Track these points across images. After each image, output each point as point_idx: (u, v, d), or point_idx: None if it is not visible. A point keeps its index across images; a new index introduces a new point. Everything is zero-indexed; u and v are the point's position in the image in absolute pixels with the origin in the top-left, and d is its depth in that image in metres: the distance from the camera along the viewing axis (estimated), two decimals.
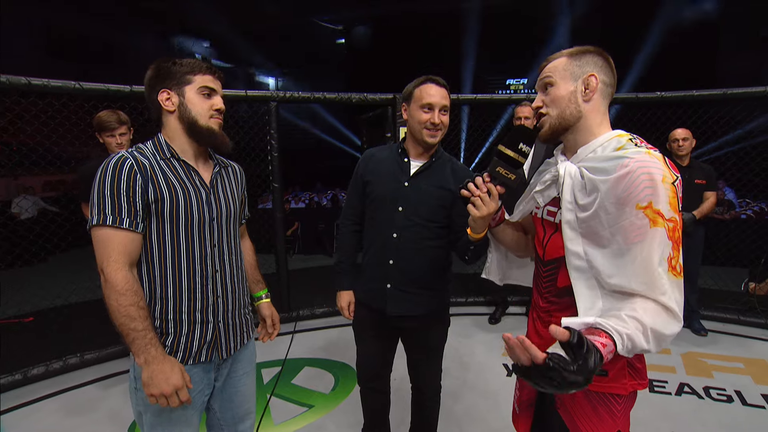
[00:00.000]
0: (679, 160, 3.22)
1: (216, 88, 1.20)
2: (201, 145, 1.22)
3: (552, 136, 1.06)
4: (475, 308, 3.89)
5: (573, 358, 0.77)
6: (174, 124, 1.18)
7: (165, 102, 1.16)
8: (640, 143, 0.97)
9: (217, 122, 1.20)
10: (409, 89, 1.55)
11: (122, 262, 1.06)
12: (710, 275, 3.97)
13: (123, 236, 1.07)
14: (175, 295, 1.16)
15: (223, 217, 1.25)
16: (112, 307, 1.04)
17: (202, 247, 1.19)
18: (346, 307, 1.74)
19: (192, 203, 1.16)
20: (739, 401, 2.45)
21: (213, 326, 1.22)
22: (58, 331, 3.35)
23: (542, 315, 1.14)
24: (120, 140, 2.48)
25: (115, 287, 1.04)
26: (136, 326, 1.04)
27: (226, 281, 1.25)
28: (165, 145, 1.18)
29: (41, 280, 4.58)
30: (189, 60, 1.18)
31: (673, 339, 0.92)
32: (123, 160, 1.09)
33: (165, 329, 1.16)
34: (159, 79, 1.16)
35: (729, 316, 3.56)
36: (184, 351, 1.18)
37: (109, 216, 1.05)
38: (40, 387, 2.65)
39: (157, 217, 1.12)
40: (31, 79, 2.56)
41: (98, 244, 1.06)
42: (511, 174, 1.07)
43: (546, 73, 1.05)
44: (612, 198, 0.91)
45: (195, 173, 1.20)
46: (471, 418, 2.31)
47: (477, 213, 1.08)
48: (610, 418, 1.03)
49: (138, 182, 1.08)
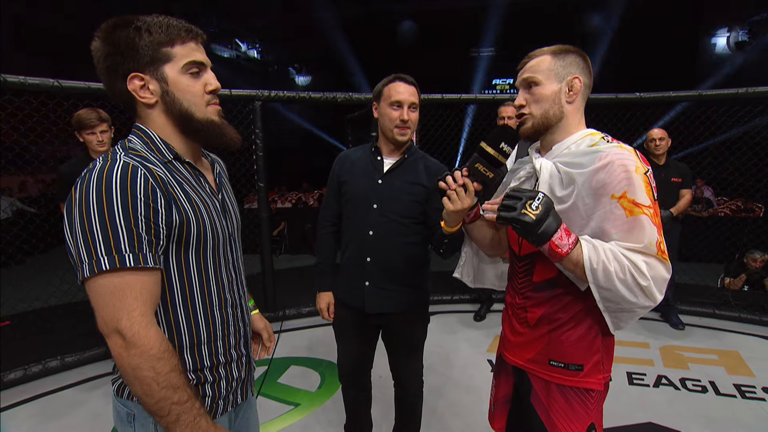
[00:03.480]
0: (655, 159, 3.31)
1: (204, 59, 0.86)
2: (201, 144, 0.94)
3: (534, 135, 1.08)
4: (460, 305, 3.93)
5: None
6: (160, 120, 0.86)
7: (140, 92, 0.82)
8: (611, 140, 1.01)
9: (216, 109, 0.89)
10: (379, 88, 1.56)
11: (150, 315, 0.77)
12: (686, 271, 4.09)
13: (147, 279, 0.77)
14: (209, 336, 0.90)
15: (236, 229, 1.01)
16: (146, 380, 0.74)
17: (227, 271, 0.95)
18: (326, 308, 1.75)
19: (214, 219, 0.90)
20: (713, 391, 2.54)
21: (247, 360, 1.02)
22: (37, 335, 3.27)
23: (518, 312, 1.15)
24: (101, 137, 2.45)
25: (149, 351, 0.74)
26: (181, 397, 0.76)
27: (245, 305, 1.04)
28: (162, 144, 0.86)
29: (18, 282, 4.47)
30: (158, 21, 0.81)
31: (652, 333, 0.95)
32: (133, 169, 0.76)
33: (204, 378, 0.90)
34: (121, 58, 0.80)
35: (704, 310, 3.67)
36: (225, 397, 0.94)
37: (126, 254, 0.73)
38: (18, 392, 2.59)
39: (178, 245, 0.83)
40: (7, 76, 2.50)
41: (106, 296, 0.74)
42: (490, 172, 1.06)
43: (529, 71, 1.05)
44: (589, 189, 0.95)
45: (204, 179, 0.93)
46: (454, 414, 2.34)
47: (451, 206, 1.08)
48: (584, 412, 1.06)
49: (159, 201, 0.78)
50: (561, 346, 1.06)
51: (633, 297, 0.90)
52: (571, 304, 1.04)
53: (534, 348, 1.11)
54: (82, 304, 3.36)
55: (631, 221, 0.91)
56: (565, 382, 1.06)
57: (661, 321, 3.54)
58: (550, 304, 1.07)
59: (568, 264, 0.93)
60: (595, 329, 1.05)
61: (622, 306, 0.93)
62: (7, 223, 5.85)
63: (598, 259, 0.90)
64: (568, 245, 0.91)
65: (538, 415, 1.10)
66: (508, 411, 1.26)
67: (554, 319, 1.07)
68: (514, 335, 1.16)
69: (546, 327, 1.08)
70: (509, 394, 1.24)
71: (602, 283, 0.91)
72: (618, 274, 0.89)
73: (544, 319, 1.08)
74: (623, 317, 0.98)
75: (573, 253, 0.91)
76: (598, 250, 0.91)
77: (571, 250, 0.91)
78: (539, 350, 1.10)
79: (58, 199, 2.60)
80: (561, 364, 1.06)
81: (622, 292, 0.90)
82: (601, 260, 0.90)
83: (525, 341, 1.13)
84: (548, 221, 0.90)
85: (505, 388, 1.24)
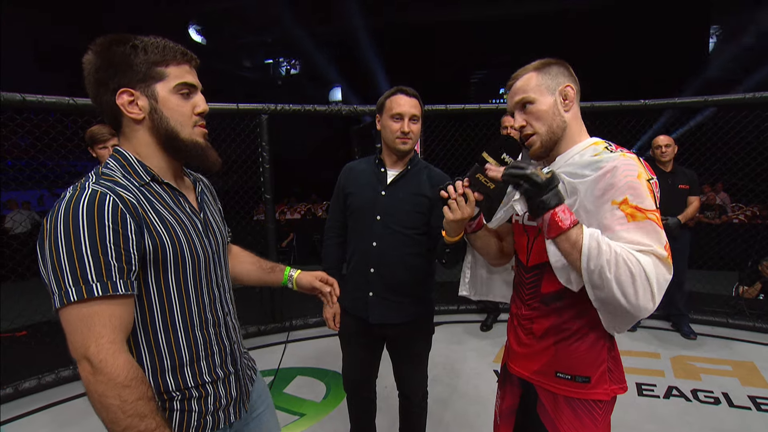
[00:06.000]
0: (662, 166, 3.29)
1: (195, 82, 0.90)
2: (181, 163, 0.95)
3: (544, 152, 1.06)
4: (466, 315, 3.92)
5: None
6: (144, 138, 0.87)
7: (128, 107, 0.83)
8: (615, 149, 1.00)
9: (202, 131, 0.91)
10: (381, 101, 1.60)
11: (119, 342, 0.76)
12: (699, 279, 4.02)
13: (116, 307, 0.76)
14: (192, 357, 0.90)
15: (220, 248, 1.01)
16: (112, 408, 0.73)
17: (209, 291, 0.95)
18: (331, 317, 1.76)
19: (193, 240, 0.89)
20: (726, 403, 2.47)
21: (236, 377, 1.00)
22: (51, 344, 3.35)
23: (524, 323, 1.13)
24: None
25: (115, 379, 0.73)
26: (149, 425, 0.75)
27: (234, 322, 1.04)
28: (139, 165, 0.86)
29: (35, 294, 4.58)
30: (156, 42, 0.85)
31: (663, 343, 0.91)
32: (100, 196, 0.76)
33: (189, 395, 0.89)
34: (113, 72, 0.82)
35: (718, 320, 3.60)
36: (214, 419, 0.93)
37: (94, 284, 0.73)
38: (32, 400, 2.65)
39: (156, 268, 0.83)
40: (26, 96, 2.61)
41: (76, 324, 0.74)
42: (491, 183, 1.05)
43: (520, 92, 1.05)
44: (591, 197, 0.94)
45: (184, 199, 0.93)
46: (460, 425, 2.32)
47: (451, 216, 1.08)
48: (592, 424, 1.04)
49: (129, 227, 0.78)
50: (568, 357, 1.05)
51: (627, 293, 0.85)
52: (579, 315, 1.03)
53: (540, 360, 1.09)
54: None
55: (633, 225, 0.89)
56: (573, 394, 1.05)
57: (672, 330, 3.47)
58: (558, 316, 1.05)
59: (565, 243, 0.89)
60: (602, 341, 1.04)
61: (614, 304, 0.88)
62: (25, 236, 6.02)
63: (597, 245, 0.86)
64: (570, 220, 0.89)
65: (545, 427, 1.08)
66: (514, 422, 1.24)
67: (561, 330, 1.05)
68: (520, 346, 1.15)
69: (553, 338, 1.07)
70: (515, 405, 1.22)
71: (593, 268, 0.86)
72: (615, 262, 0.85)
73: (551, 331, 1.07)
74: (617, 320, 0.95)
75: (573, 231, 0.88)
76: (601, 237, 0.88)
77: (572, 227, 0.89)
78: (545, 362, 1.08)
79: None
80: (568, 376, 1.05)
81: (614, 287, 0.85)
82: (601, 247, 0.86)
83: (531, 352, 1.11)
84: (555, 190, 0.89)
85: (511, 399, 1.22)
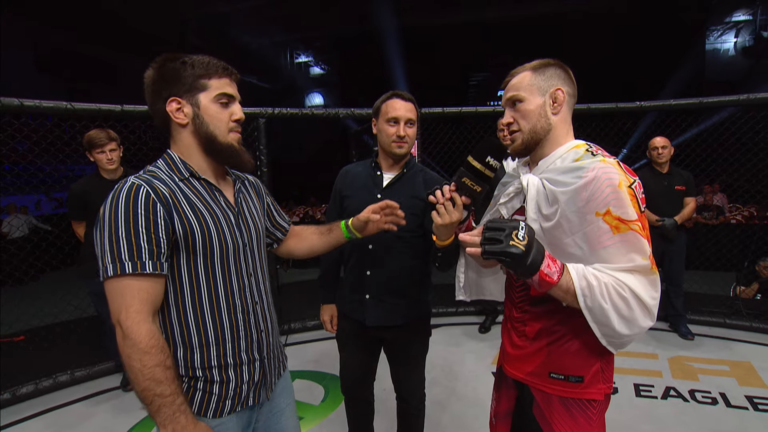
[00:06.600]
0: (658, 168, 3.30)
1: (234, 93, 1.02)
2: (220, 164, 1.07)
3: (525, 151, 1.08)
4: (464, 318, 3.92)
5: (504, 221, 0.89)
6: (188, 140, 1.00)
7: (175, 113, 0.97)
8: (596, 151, 1.00)
9: (237, 137, 1.04)
10: (377, 105, 1.61)
11: (145, 313, 0.88)
12: (696, 280, 4.03)
13: (145, 282, 0.89)
14: (217, 337, 0.99)
15: (254, 241, 1.10)
16: (134, 369, 0.86)
17: (239, 278, 1.04)
18: (329, 320, 1.78)
19: (223, 230, 1.00)
20: (723, 403, 2.48)
21: (260, 364, 1.08)
22: (49, 350, 3.35)
23: (516, 325, 1.15)
24: (110, 156, 2.53)
25: (138, 344, 0.85)
26: (163, 391, 0.86)
27: (266, 312, 1.12)
28: (181, 163, 1.00)
29: (32, 299, 4.57)
30: (201, 59, 0.98)
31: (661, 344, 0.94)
32: (136, 188, 0.90)
33: (210, 377, 0.99)
34: (165, 84, 0.96)
35: (715, 320, 3.61)
36: (233, 398, 1.02)
37: (126, 263, 0.86)
38: (30, 405, 2.65)
39: (187, 252, 0.95)
40: (24, 101, 2.62)
41: (113, 294, 0.88)
42: (477, 186, 1.06)
43: (512, 89, 1.07)
44: (573, 207, 0.94)
45: (219, 194, 1.04)
46: (458, 427, 2.32)
47: (439, 220, 1.08)
48: (587, 423, 1.05)
49: (159, 214, 0.90)
50: (560, 358, 1.06)
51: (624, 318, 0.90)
52: (570, 316, 1.03)
53: (534, 361, 1.10)
54: (92, 320, 3.43)
55: (618, 238, 0.90)
56: (567, 394, 1.06)
57: (669, 331, 3.48)
58: (549, 317, 1.06)
59: (558, 291, 0.91)
60: (594, 340, 1.05)
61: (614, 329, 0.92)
62: (22, 241, 6.01)
63: (588, 283, 0.89)
64: (557, 272, 0.89)
65: (540, 428, 1.09)
66: (510, 424, 1.25)
67: (553, 332, 1.06)
68: (514, 348, 1.16)
69: (545, 340, 1.08)
70: (511, 408, 1.23)
71: (591, 305, 0.90)
72: (608, 295, 0.89)
73: (543, 332, 1.08)
74: (615, 342, 0.98)
75: (563, 280, 0.90)
76: (587, 272, 0.91)
77: (561, 277, 0.90)
78: (539, 363, 1.09)
79: (70, 217, 2.69)
80: (561, 376, 1.06)
81: (611, 314, 0.89)
82: (591, 283, 0.89)
83: (524, 354, 1.12)
84: (535, 250, 0.87)
85: (507, 402, 1.23)
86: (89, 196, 2.56)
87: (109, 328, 2.78)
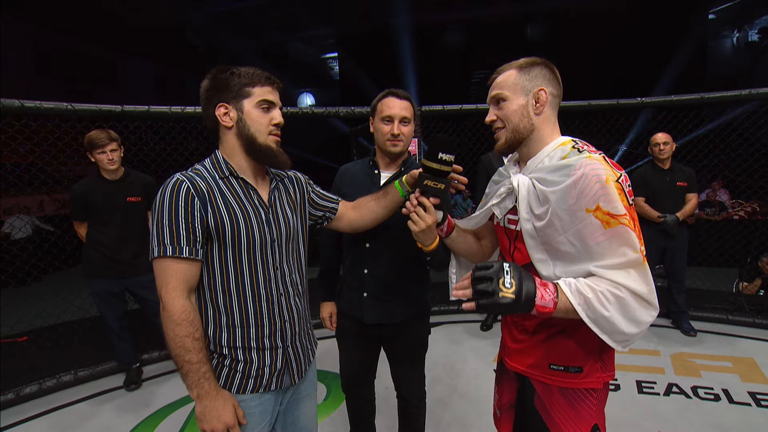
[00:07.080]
0: (660, 164, 3.29)
1: (275, 100, 1.13)
2: (259, 164, 1.17)
3: (508, 149, 1.10)
4: (466, 315, 3.92)
5: (491, 266, 0.90)
6: (232, 141, 1.12)
7: (222, 117, 1.10)
8: (582, 147, 1.01)
9: (275, 139, 1.14)
10: (374, 103, 1.62)
11: (181, 290, 1.02)
12: (699, 276, 4.02)
13: (182, 264, 1.03)
14: (242, 321, 1.11)
15: (283, 237, 1.18)
16: (168, 336, 1.00)
17: (265, 270, 1.13)
18: (328, 317, 1.79)
19: (252, 225, 1.10)
20: (726, 399, 2.48)
21: (283, 352, 1.18)
22: (52, 350, 3.36)
23: (516, 320, 1.17)
24: (111, 156, 2.54)
25: (172, 316, 0.99)
26: (191, 358, 1.00)
27: (291, 304, 1.21)
28: (223, 163, 1.12)
29: (35, 300, 4.59)
30: (248, 70, 1.10)
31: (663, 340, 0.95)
32: (179, 184, 1.03)
33: (235, 356, 1.11)
34: (216, 92, 1.09)
35: (717, 316, 3.60)
36: (255, 379, 1.13)
37: (168, 246, 1.00)
38: (33, 406, 2.66)
39: (218, 242, 1.07)
40: (25, 102, 2.62)
41: (158, 272, 1.03)
42: (440, 184, 1.11)
43: (497, 87, 1.08)
44: (563, 205, 0.95)
45: (254, 192, 1.15)
46: (460, 425, 2.32)
47: (416, 228, 1.13)
48: (587, 413, 1.07)
49: (196, 206, 1.03)
50: (560, 350, 1.07)
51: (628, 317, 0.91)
52: None
53: (534, 354, 1.12)
54: (95, 320, 3.44)
55: (609, 233, 0.91)
56: (566, 385, 1.07)
57: (672, 328, 3.47)
58: None
59: (559, 314, 0.93)
60: (593, 332, 1.06)
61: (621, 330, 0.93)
62: (25, 242, 6.04)
63: (584, 298, 0.91)
64: (552, 299, 0.90)
65: (541, 418, 1.11)
66: (514, 415, 1.26)
67: (552, 325, 1.08)
68: (514, 342, 1.18)
69: (545, 333, 1.09)
70: (513, 400, 1.25)
71: (594, 317, 0.92)
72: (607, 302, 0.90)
73: (542, 326, 1.09)
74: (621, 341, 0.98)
75: (560, 304, 0.91)
76: (581, 286, 0.92)
77: (557, 303, 0.91)
78: (539, 355, 1.11)
79: (72, 218, 2.69)
80: (561, 367, 1.08)
81: (616, 319, 0.91)
82: (587, 297, 0.90)
83: (525, 347, 1.14)
84: (525, 289, 0.88)
85: (509, 394, 1.25)
86: (90, 197, 2.57)
87: (111, 328, 2.79)
